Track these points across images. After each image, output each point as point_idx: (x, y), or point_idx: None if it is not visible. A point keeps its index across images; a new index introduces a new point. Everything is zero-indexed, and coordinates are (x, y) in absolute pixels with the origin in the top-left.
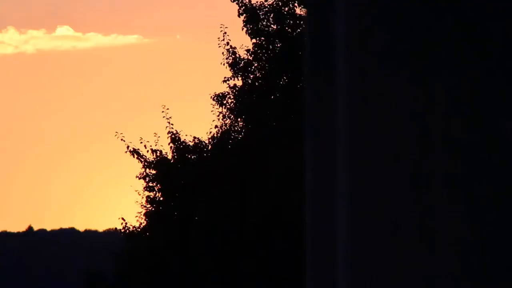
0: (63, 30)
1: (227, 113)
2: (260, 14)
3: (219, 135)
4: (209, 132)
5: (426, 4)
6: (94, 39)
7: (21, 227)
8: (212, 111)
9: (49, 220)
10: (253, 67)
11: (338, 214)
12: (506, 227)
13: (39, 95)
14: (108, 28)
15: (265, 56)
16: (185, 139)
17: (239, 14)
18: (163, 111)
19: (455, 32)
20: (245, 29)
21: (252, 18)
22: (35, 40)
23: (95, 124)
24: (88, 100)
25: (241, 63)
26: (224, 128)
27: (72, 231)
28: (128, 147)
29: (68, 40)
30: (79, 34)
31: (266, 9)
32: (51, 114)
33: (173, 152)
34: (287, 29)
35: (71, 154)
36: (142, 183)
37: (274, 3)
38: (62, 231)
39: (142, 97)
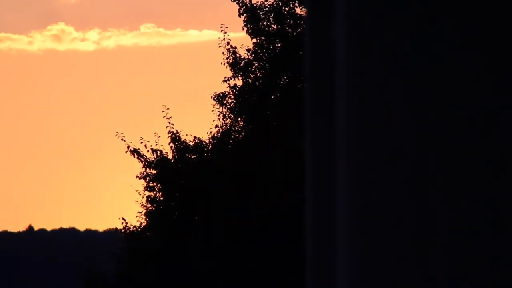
0: (146, 28)
1: (228, 112)
2: (260, 14)
3: (219, 135)
4: (209, 132)
5: (426, 4)
6: (178, 36)
7: (21, 227)
8: (212, 111)
9: (49, 220)
10: (253, 67)
11: (338, 214)
12: (506, 227)
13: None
14: (188, 24)
15: (265, 56)
16: (185, 139)
17: (240, 14)
18: (163, 111)
19: (455, 33)
20: (245, 28)
21: (252, 18)
22: (117, 37)
23: (95, 124)
24: (87, 100)
25: (241, 63)
26: (225, 128)
27: (72, 231)
28: (128, 147)
29: (151, 37)
30: (160, 30)
31: (266, 9)
32: (51, 114)
33: (173, 152)
34: (287, 29)
35: (71, 154)
36: (142, 183)
37: (274, 3)
38: (62, 231)
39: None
